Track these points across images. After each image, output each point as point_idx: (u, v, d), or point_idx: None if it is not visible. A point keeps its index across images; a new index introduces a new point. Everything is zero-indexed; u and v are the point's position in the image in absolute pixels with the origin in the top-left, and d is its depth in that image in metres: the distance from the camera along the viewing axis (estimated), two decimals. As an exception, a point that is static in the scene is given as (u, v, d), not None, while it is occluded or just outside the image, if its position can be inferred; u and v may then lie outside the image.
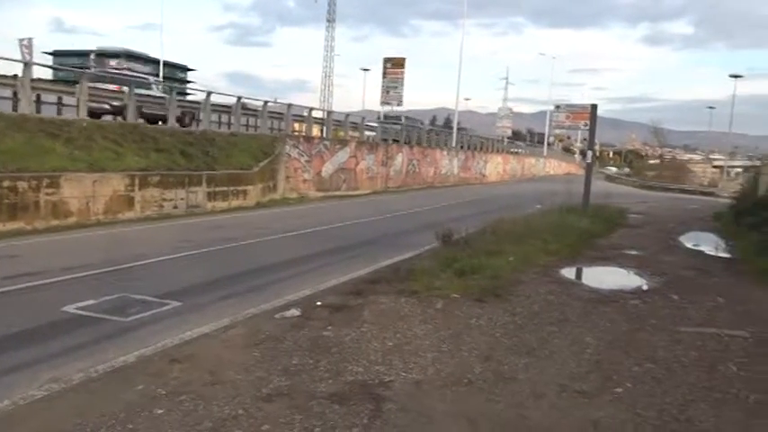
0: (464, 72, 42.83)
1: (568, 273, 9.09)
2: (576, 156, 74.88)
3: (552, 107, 22.98)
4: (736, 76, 60.20)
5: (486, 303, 6.81)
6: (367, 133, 29.95)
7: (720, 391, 4.67)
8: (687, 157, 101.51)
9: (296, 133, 24.61)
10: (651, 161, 79.94)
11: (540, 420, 4.02)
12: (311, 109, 27.41)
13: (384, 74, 37.48)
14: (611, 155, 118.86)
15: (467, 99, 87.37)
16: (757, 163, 30.58)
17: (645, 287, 8.34)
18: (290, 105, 24.50)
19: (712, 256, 12.17)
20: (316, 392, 4.25)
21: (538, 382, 4.62)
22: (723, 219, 19.16)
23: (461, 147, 39.89)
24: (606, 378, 4.82)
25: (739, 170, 63.39)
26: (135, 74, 24.45)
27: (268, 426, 3.75)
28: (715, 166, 75.13)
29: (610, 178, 59.15)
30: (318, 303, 6.73)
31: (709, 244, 13.85)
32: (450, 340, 5.50)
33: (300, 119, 26.01)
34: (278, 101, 26.58)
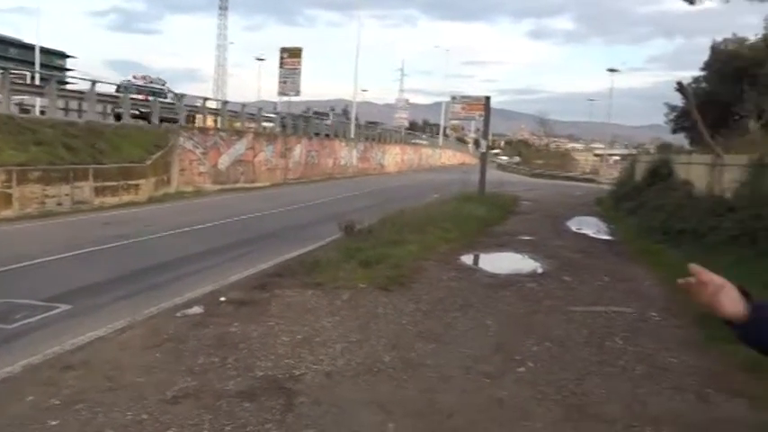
0: (361, 63, 42.93)
1: (468, 259, 9.41)
2: (469, 146, 77.34)
3: (447, 98, 23.62)
4: (613, 71, 64.41)
5: (392, 292, 6.91)
6: (264, 124, 29.39)
7: (610, 365, 5.03)
8: (571, 146, 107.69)
9: (190, 124, 23.71)
10: (539, 150, 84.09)
11: (448, 403, 4.14)
12: (205, 99, 26.49)
13: (281, 64, 36.81)
14: (502, 144, 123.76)
15: (364, 90, 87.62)
16: (633, 152, 32.97)
17: (539, 270, 8.80)
18: (182, 95, 23.55)
19: (597, 238, 13.03)
20: (224, 391, 4.14)
21: (445, 367, 4.76)
22: (604, 204, 20.57)
23: (360, 138, 40.09)
24: (509, 358, 5.04)
25: (618, 158, 68.04)
26: None
27: (175, 429, 3.61)
28: (596, 155, 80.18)
29: (502, 167, 61.65)
30: (222, 299, 6.55)
31: (593, 227, 14.81)
32: (358, 330, 5.53)
33: (194, 109, 25.09)
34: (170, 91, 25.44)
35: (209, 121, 24.97)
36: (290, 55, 36.47)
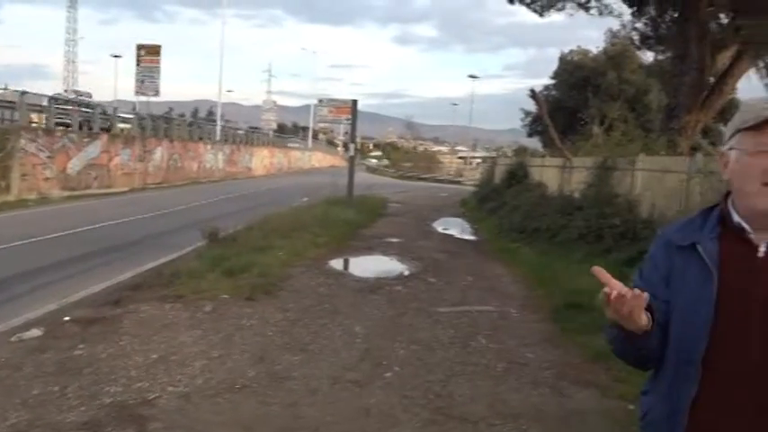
0: (226, 63, 41.62)
1: (337, 264, 9.33)
2: (339, 148, 77.80)
3: (316, 101, 23.49)
4: (473, 77, 67.87)
5: (258, 302, 6.66)
6: (121, 125, 27.54)
7: (474, 364, 5.15)
8: (437, 148, 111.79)
9: (34, 125, 21.62)
10: (407, 153, 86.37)
11: (314, 416, 4.01)
12: (52, 98, 24.30)
13: (138, 62, 34.74)
14: (371, 147, 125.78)
15: (229, 91, 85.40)
16: (493, 154, 34.80)
17: (406, 272, 8.92)
18: (23, 93, 21.43)
19: (461, 239, 13.52)
20: (63, 424, 3.71)
21: (311, 378, 4.62)
22: (468, 205, 21.46)
23: (226, 140, 38.86)
24: (376, 365, 5.00)
25: (480, 161, 71.63)
26: None
27: (2, 474, 3.17)
28: (460, 157, 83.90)
29: (371, 170, 62.61)
30: (67, 319, 5.94)
31: (458, 228, 15.37)
32: (220, 345, 5.24)
33: (39, 109, 22.92)
34: (8, 88, 23.07)
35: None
36: (148, 52, 34.54)
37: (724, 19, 13.95)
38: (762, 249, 1.37)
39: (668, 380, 1.44)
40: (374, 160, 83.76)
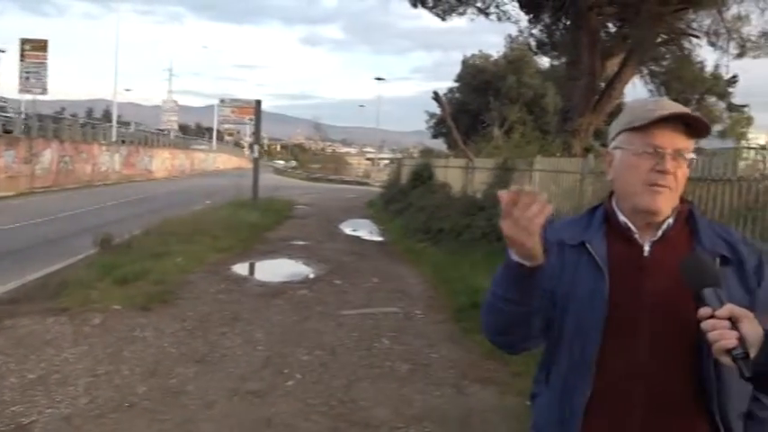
0: (124, 61, 39.70)
1: (240, 269, 9.04)
2: (245, 150, 76.19)
3: (218, 101, 22.77)
4: (380, 79, 68.38)
5: (152, 311, 6.30)
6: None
7: (378, 367, 5.10)
8: (345, 150, 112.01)
9: None
10: (315, 154, 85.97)
11: (210, 431, 3.81)
12: None
13: (22, 57, 32.27)
14: (279, 149, 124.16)
15: (128, 90, 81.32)
16: (400, 156, 35.20)
17: (312, 275, 8.77)
18: None
19: (368, 240, 13.51)
20: None
21: (208, 391, 4.40)
22: (375, 206, 21.55)
23: (123, 141, 36.99)
24: (278, 372, 4.85)
25: (387, 162, 72.39)
26: None
27: None
28: (368, 159, 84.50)
29: (278, 171, 61.74)
30: (-69, 339, 5.36)
31: (365, 229, 15.37)
32: (108, 360, 4.89)
33: None
34: None
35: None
36: (34, 47, 32.18)
37: (612, 28, 14.80)
38: (646, 249, 1.38)
39: (560, 383, 1.40)
40: (282, 162, 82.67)
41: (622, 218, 1.42)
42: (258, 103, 17.79)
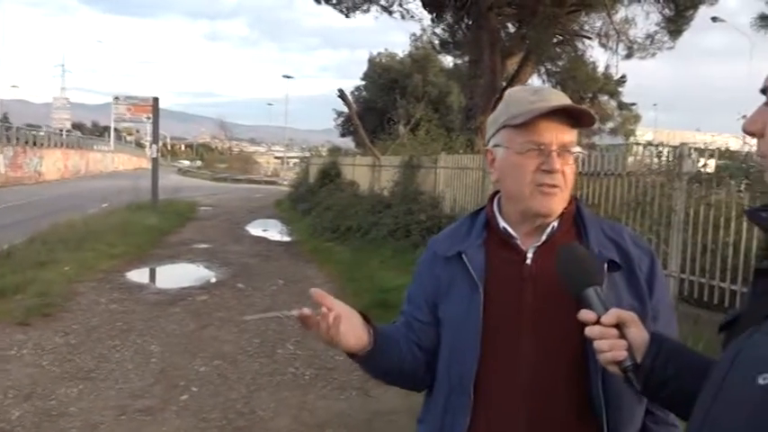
0: (10, 56, 36.84)
1: (135, 276, 8.53)
2: (147, 150, 72.99)
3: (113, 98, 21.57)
4: (288, 77, 67.54)
5: (32, 327, 5.79)
6: None
7: (281, 374, 4.91)
8: (253, 149, 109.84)
9: None
10: (221, 154, 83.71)
11: (93, 457, 3.50)
12: None
13: None
14: (183, 148, 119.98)
15: (14, 87, 75.84)
16: (307, 154, 34.85)
17: (213, 280, 8.41)
18: None
19: (275, 241, 13.20)
20: None
21: (93, 411, 4.05)
22: (283, 205, 21.18)
23: (8, 141, 34.34)
24: (172, 387, 4.55)
25: (296, 161, 71.60)
26: None
27: None
28: (276, 158, 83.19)
29: (182, 172, 59.60)
30: None
31: (272, 229, 15.03)
32: (-23, 384, 4.42)
33: None
34: None
35: None
36: None
37: (512, 28, 15.25)
38: (529, 256, 1.26)
39: (440, 409, 1.29)
40: (186, 162, 79.88)
41: (502, 223, 1.30)
42: (156, 100, 16.95)
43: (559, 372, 1.20)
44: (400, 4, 15.61)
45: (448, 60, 22.89)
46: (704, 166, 5.86)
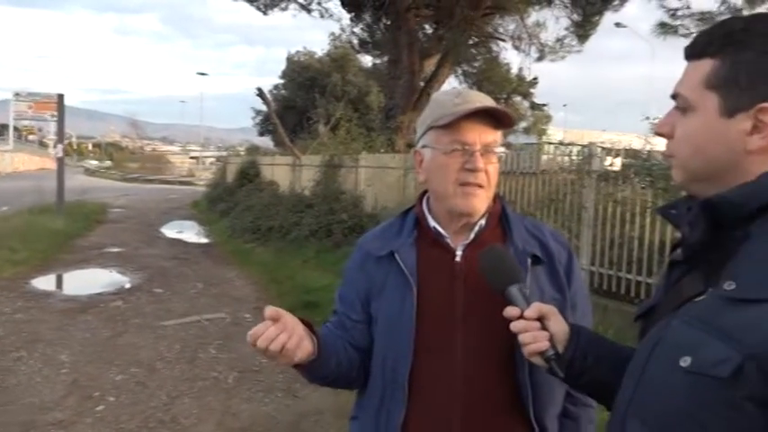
0: None
1: (42, 283, 8.05)
2: (51, 149, 68.94)
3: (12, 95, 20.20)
4: (202, 74, 65.59)
5: (-75, 341, 5.35)
6: None
7: (203, 379, 4.78)
8: (166, 148, 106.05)
9: None
10: (132, 153, 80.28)
11: (0, 477, 3.28)
12: None
13: None
14: (91, 147, 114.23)
15: None
16: (225, 153, 34.05)
17: (128, 285, 8.06)
18: None
19: (193, 243, 12.81)
20: None
21: (-2, 428, 3.80)
22: (200, 206, 20.60)
23: None
24: (86, 398, 4.33)
25: (213, 160, 69.72)
26: None
27: None
28: (192, 157, 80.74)
29: (90, 172, 56.81)
30: None
31: (189, 231, 14.58)
32: None
33: None
34: None
35: None
36: None
37: (429, 29, 15.51)
38: (459, 254, 1.31)
39: (375, 405, 1.32)
40: (95, 162, 76.13)
41: (432, 222, 1.35)
42: (61, 97, 16.00)
43: (490, 363, 1.25)
44: (319, 3, 15.54)
45: (367, 60, 23.00)
46: (611, 164, 6.19)
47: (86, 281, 8.39)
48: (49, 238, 10.84)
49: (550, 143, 8.62)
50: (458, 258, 1.30)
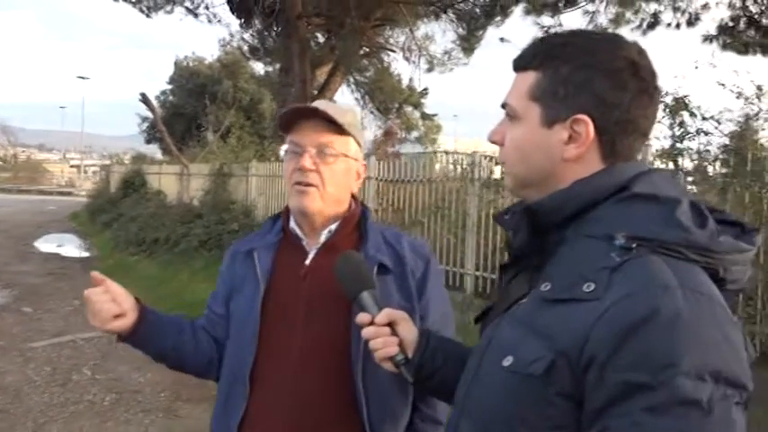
0: None
1: None
2: None
3: None
4: (83, 78, 61.70)
5: None
6: None
7: (75, 402, 4.49)
8: (44, 156, 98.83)
9: None
10: (4, 162, 74.16)
11: None
12: None
13: None
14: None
15: None
16: (108, 162, 32.25)
17: (-7, 305, 7.42)
18: None
19: (70, 257, 12.03)
20: None
21: None
22: (81, 218, 19.40)
23: None
24: (-63, 431, 3.93)
25: (96, 169, 65.80)
26: None
27: None
28: (73, 166, 75.81)
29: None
30: None
31: (68, 245, 13.69)
32: None
33: None
34: None
35: None
36: None
37: (321, 38, 15.52)
38: (311, 256, 1.35)
39: (222, 399, 1.37)
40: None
41: (292, 224, 1.39)
42: None
43: (325, 363, 1.28)
44: (206, 8, 15.10)
45: (259, 67, 22.67)
46: (491, 172, 6.46)
47: (-57, 302, 7.64)
48: None
49: (437, 152, 8.88)
50: (307, 261, 1.34)
